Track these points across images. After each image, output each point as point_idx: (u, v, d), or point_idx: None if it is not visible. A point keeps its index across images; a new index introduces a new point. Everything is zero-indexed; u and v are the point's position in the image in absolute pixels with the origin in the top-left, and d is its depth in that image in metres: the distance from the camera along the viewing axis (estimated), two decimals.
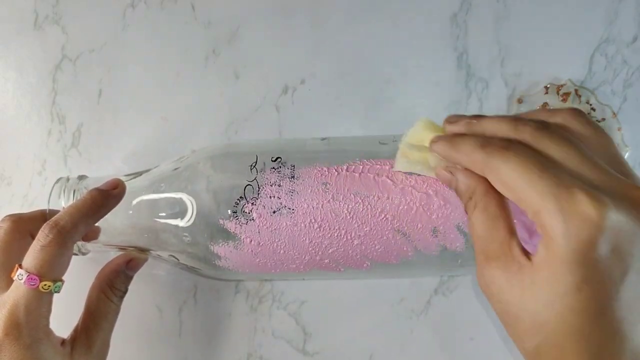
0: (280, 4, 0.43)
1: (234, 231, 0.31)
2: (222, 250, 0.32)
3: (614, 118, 0.40)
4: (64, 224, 0.29)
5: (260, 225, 0.31)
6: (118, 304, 0.33)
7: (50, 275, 0.28)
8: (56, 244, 0.28)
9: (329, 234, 0.31)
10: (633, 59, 0.42)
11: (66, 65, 0.43)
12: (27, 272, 0.28)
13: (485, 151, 0.23)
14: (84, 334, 0.31)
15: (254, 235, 0.31)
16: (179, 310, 0.40)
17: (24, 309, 0.28)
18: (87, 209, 0.30)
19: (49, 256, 0.28)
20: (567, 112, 0.24)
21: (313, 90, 0.42)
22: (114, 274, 0.34)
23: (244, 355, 0.40)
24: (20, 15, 0.43)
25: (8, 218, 0.32)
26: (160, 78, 0.42)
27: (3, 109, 0.43)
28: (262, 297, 0.40)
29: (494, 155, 0.23)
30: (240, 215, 0.31)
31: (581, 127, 0.24)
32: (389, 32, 0.42)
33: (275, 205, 0.31)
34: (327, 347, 0.40)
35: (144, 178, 0.34)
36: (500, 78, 0.42)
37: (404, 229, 0.30)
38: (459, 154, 0.25)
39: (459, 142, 0.25)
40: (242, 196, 0.31)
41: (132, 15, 0.43)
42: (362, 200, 0.31)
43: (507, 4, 0.42)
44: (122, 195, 0.32)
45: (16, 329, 0.27)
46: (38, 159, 0.42)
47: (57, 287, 0.29)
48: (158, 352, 0.40)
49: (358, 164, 0.32)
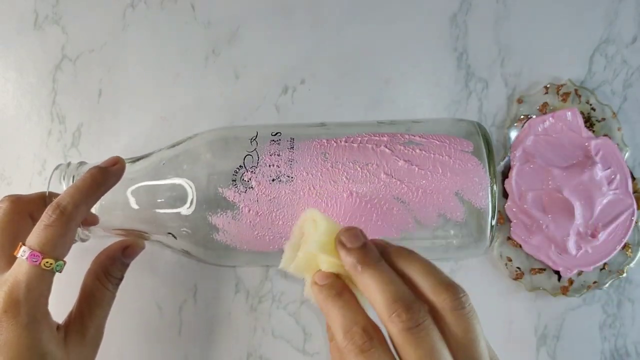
0: (280, 4, 0.43)
1: (232, 200, 0.31)
2: (221, 221, 0.31)
3: (614, 118, 0.40)
4: (65, 204, 0.29)
5: (259, 193, 0.31)
6: (113, 291, 0.33)
7: (52, 253, 0.28)
8: (59, 223, 0.28)
9: (327, 202, 0.31)
10: (633, 59, 0.42)
11: (66, 65, 0.43)
12: (30, 249, 0.28)
13: (344, 341, 0.24)
14: (78, 320, 0.31)
15: (252, 204, 0.31)
16: (179, 309, 0.40)
17: (24, 286, 0.28)
18: (87, 187, 0.30)
19: (52, 235, 0.28)
20: (448, 298, 0.24)
21: (313, 90, 0.42)
22: (110, 260, 0.34)
23: (244, 355, 0.40)
24: (20, 15, 0.43)
25: (7, 198, 0.32)
26: (160, 78, 0.42)
27: (3, 109, 0.43)
28: (262, 297, 0.40)
29: (349, 357, 0.23)
30: (239, 184, 0.31)
31: (453, 319, 0.24)
32: (389, 32, 0.42)
33: (275, 174, 0.31)
34: (327, 347, 0.40)
35: (143, 162, 0.35)
36: (500, 78, 0.42)
37: (403, 197, 0.30)
38: (326, 317, 0.26)
39: (329, 309, 0.25)
40: (242, 165, 0.31)
41: (132, 15, 0.43)
42: (360, 168, 0.31)
43: (507, 4, 0.42)
44: (122, 171, 0.32)
45: (15, 306, 0.27)
46: (38, 159, 0.42)
47: (59, 266, 0.29)
48: (158, 351, 0.40)
49: (356, 136, 0.32)
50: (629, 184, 0.39)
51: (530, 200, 0.39)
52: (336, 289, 0.26)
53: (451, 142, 0.32)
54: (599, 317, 0.40)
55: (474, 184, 0.30)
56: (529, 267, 0.40)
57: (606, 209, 0.39)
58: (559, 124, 0.40)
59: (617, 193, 0.39)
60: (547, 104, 0.41)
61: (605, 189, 0.39)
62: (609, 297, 0.41)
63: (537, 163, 0.39)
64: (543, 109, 0.41)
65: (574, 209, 0.38)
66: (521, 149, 0.40)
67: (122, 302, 0.34)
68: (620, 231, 0.39)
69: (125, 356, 0.40)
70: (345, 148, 0.31)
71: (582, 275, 0.40)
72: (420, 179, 0.30)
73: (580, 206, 0.38)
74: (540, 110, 0.41)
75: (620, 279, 0.40)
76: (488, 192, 0.30)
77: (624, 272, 0.40)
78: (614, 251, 0.39)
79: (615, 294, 0.41)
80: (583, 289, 0.40)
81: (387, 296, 0.23)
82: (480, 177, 0.31)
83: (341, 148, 0.31)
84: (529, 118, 0.41)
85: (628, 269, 0.40)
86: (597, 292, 0.40)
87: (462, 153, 0.31)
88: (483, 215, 0.31)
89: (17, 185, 0.42)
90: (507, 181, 0.40)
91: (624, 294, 0.41)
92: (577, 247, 0.39)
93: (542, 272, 0.40)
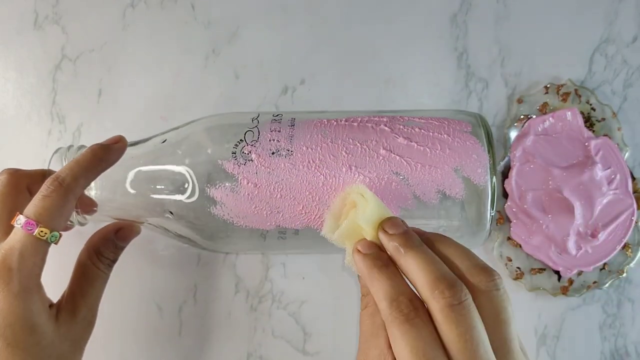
0: (280, 4, 0.43)
1: (231, 171, 0.31)
2: (219, 193, 0.31)
3: (614, 118, 0.40)
4: (64, 176, 0.29)
5: (258, 165, 0.31)
6: (105, 272, 0.33)
7: (48, 223, 0.28)
8: (57, 195, 0.28)
9: (327, 175, 0.31)
10: (633, 59, 0.42)
11: (66, 65, 0.43)
12: (26, 218, 0.28)
13: (389, 309, 0.24)
14: (70, 299, 0.31)
15: (251, 177, 0.31)
16: (179, 310, 0.40)
17: (18, 253, 0.28)
18: (87, 162, 0.30)
19: (49, 205, 0.28)
20: (484, 280, 0.25)
21: (313, 90, 0.42)
22: (103, 241, 0.34)
23: (244, 355, 0.40)
24: (20, 15, 0.43)
25: (6, 171, 0.32)
26: (160, 78, 0.42)
27: (3, 109, 0.43)
28: (262, 296, 0.40)
29: (393, 324, 0.24)
30: (239, 156, 0.31)
31: (488, 301, 0.24)
32: (388, 32, 0.42)
33: (274, 147, 0.31)
34: (327, 347, 0.40)
35: (142, 144, 0.35)
36: (500, 78, 0.42)
37: (402, 172, 0.31)
38: (369, 285, 0.26)
39: (375, 278, 0.25)
40: (242, 139, 0.31)
41: (132, 15, 0.43)
42: (360, 144, 0.31)
43: (507, 4, 0.42)
44: (123, 150, 0.32)
45: (8, 273, 0.27)
46: (38, 158, 0.42)
47: (54, 237, 0.28)
48: (158, 351, 0.40)
49: (356, 117, 0.33)
50: (629, 183, 0.39)
51: (530, 200, 0.39)
52: (382, 260, 0.26)
53: (450, 123, 0.32)
54: (599, 317, 0.41)
55: (473, 160, 0.31)
56: (529, 267, 0.40)
57: (606, 209, 0.39)
58: (559, 124, 0.40)
59: (617, 193, 0.39)
60: (547, 104, 0.41)
61: (605, 189, 0.39)
62: (609, 297, 0.41)
63: (537, 163, 0.39)
64: (543, 109, 0.41)
65: (574, 209, 0.38)
66: (521, 148, 0.40)
67: (122, 303, 0.34)
68: (620, 231, 0.39)
69: (125, 356, 0.40)
70: (345, 127, 0.32)
71: (582, 275, 0.40)
72: (419, 154, 0.31)
73: (580, 206, 0.38)
74: (540, 110, 0.41)
75: (620, 279, 0.40)
76: (487, 170, 0.31)
77: (623, 272, 0.40)
78: (614, 251, 0.39)
79: (615, 294, 0.41)
80: (583, 289, 0.40)
81: (431, 275, 0.24)
82: (479, 155, 0.31)
83: (341, 126, 0.32)
84: (529, 118, 0.41)
85: (628, 268, 0.40)
86: (597, 292, 0.40)
87: (461, 132, 0.32)
88: (482, 194, 0.31)
89: None
90: (507, 181, 0.40)
91: (624, 293, 0.41)
92: (577, 247, 0.39)
93: (542, 272, 0.40)
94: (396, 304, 0.24)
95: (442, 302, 0.23)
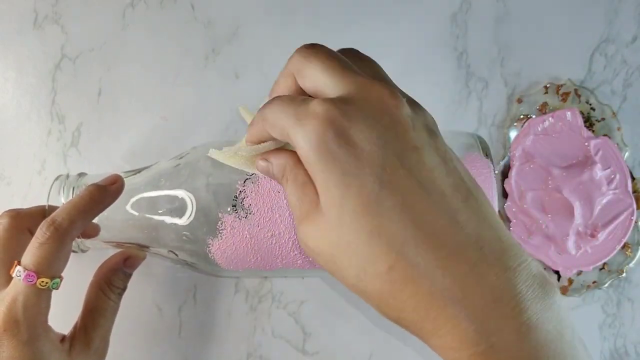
0: (280, 4, 0.43)
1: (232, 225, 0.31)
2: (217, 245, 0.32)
3: (614, 118, 0.40)
4: (60, 221, 0.29)
5: None
6: (116, 302, 0.33)
7: (48, 272, 0.28)
8: (54, 241, 0.28)
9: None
10: (633, 58, 0.42)
11: (66, 65, 0.43)
12: (25, 269, 0.28)
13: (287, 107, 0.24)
14: (83, 331, 0.31)
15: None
16: (179, 310, 0.40)
17: (22, 305, 0.28)
18: (84, 205, 0.30)
19: (47, 253, 0.28)
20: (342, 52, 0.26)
21: None
22: (112, 271, 0.34)
23: (244, 355, 0.40)
24: (20, 15, 0.43)
25: (6, 214, 0.32)
26: (160, 77, 0.42)
27: (3, 109, 0.43)
28: (261, 296, 0.40)
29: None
30: (239, 210, 0.31)
31: None
32: (388, 32, 0.42)
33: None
34: (326, 347, 0.40)
35: (144, 175, 0.34)
36: (500, 78, 0.42)
37: None
38: (267, 124, 0.25)
39: (266, 113, 0.25)
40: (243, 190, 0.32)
41: (132, 15, 0.43)
42: None
43: (507, 4, 0.42)
44: (121, 191, 0.32)
45: (14, 325, 0.27)
46: (38, 158, 0.42)
47: (55, 284, 0.29)
48: (158, 352, 0.40)
49: None
50: (628, 183, 0.39)
51: (530, 200, 0.39)
52: None
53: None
54: (599, 317, 0.41)
55: None
56: None
57: (606, 209, 0.39)
58: (559, 123, 0.40)
59: (616, 193, 0.39)
60: (546, 104, 0.41)
61: (605, 188, 0.39)
62: (609, 296, 0.41)
63: (536, 163, 0.39)
64: (543, 109, 0.41)
65: (573, 209, 0.38)
66: (521, 148, 0.40)
67: (122, 303, 0.34)
68: (620, 231, 0.39)
69: (125, 357, 0.40)
70: None
71: (581, 275, 0.40)
72: None
73: (580, 206, 0.38)
74: (540, 110, 0.41)
75: (619, 278, 0.40)
76: None
77: (623, 272, 0.40)
78: (614, 251, 0.39)
79: (614, 294, 0.41)
80: (582, 289, 0.40)
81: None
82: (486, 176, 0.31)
83: None
84: (528, 118, 0.41)
85: (627, 268, 0.40)
86: (596, 292, 0.40)
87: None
88: None
89: (16, 185, 0.42)
90: (506, 181, 0.40)
91: (624, 293, 0.41)
92: (577, 247, 0.39)
93: None
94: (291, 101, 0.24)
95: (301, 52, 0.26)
